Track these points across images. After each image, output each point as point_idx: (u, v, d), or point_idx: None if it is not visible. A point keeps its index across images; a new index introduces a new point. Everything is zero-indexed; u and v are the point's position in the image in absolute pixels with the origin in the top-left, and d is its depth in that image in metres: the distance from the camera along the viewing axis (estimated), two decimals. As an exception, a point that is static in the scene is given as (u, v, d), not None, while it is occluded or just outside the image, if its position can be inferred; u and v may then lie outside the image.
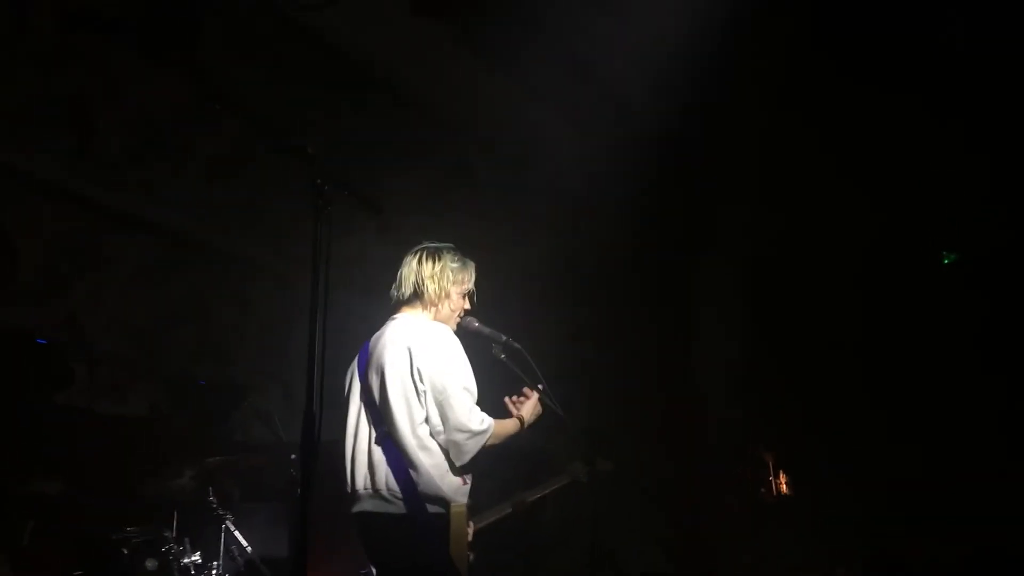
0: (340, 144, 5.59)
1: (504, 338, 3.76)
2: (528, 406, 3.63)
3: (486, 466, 3.51)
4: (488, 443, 3.39)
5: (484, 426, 3.37)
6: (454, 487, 3.32)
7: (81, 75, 4.87)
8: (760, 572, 6.30)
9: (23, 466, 4.52)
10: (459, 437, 3.29)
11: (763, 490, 6.51)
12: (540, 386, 3.68)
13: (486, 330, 3.75)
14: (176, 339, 6.17)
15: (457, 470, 3.35)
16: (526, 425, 3.60)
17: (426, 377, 3.30)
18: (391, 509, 3.22)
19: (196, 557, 4.03)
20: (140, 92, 5.09)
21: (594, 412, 6.14)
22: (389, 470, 3.25)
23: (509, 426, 3.54)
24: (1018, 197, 6.24)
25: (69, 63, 4.79)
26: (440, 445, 3.32)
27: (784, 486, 6.55)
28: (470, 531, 3.42)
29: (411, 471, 3.24)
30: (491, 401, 4.03)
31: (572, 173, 6.02)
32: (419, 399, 3.30)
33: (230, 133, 5.32)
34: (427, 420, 3.30)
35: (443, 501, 3.26)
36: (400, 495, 3.21)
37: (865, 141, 6.27)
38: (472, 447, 3.33)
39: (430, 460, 3.27)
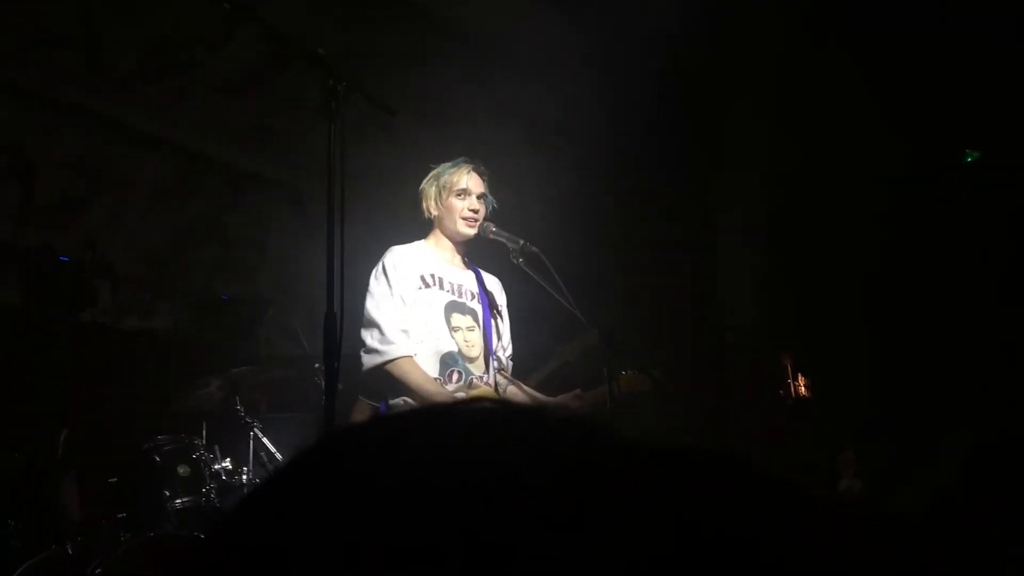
0: (351, 53, 5.52)
1: (521, 242, 3.71)
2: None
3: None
4: (393, 371, 3.45)
5: (377, 344, 3.46)
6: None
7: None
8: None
9: (53, 380, 4.62)
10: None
11: (782, 392, 6.55)
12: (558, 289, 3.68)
13: (503, 235, 3.73)
14: (196, 259, 6.21)
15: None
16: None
17: None
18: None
19: (226, 463, 4.13)
20: (150, 6, 5.03)
21: (616, 317, 6.15)
22: None
23: (428, 385, 3.43)
24: None
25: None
26: None
27: (803, 388, 6.59)
28: None
29: None
30: (513, 308, 4.05)
31: (590, 78, 5.92)
32: None
33: (241, 49, 5.27)
34: None
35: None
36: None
37: (890, 63, 6.08)
38: (366, 361, 3.49)
39: None
